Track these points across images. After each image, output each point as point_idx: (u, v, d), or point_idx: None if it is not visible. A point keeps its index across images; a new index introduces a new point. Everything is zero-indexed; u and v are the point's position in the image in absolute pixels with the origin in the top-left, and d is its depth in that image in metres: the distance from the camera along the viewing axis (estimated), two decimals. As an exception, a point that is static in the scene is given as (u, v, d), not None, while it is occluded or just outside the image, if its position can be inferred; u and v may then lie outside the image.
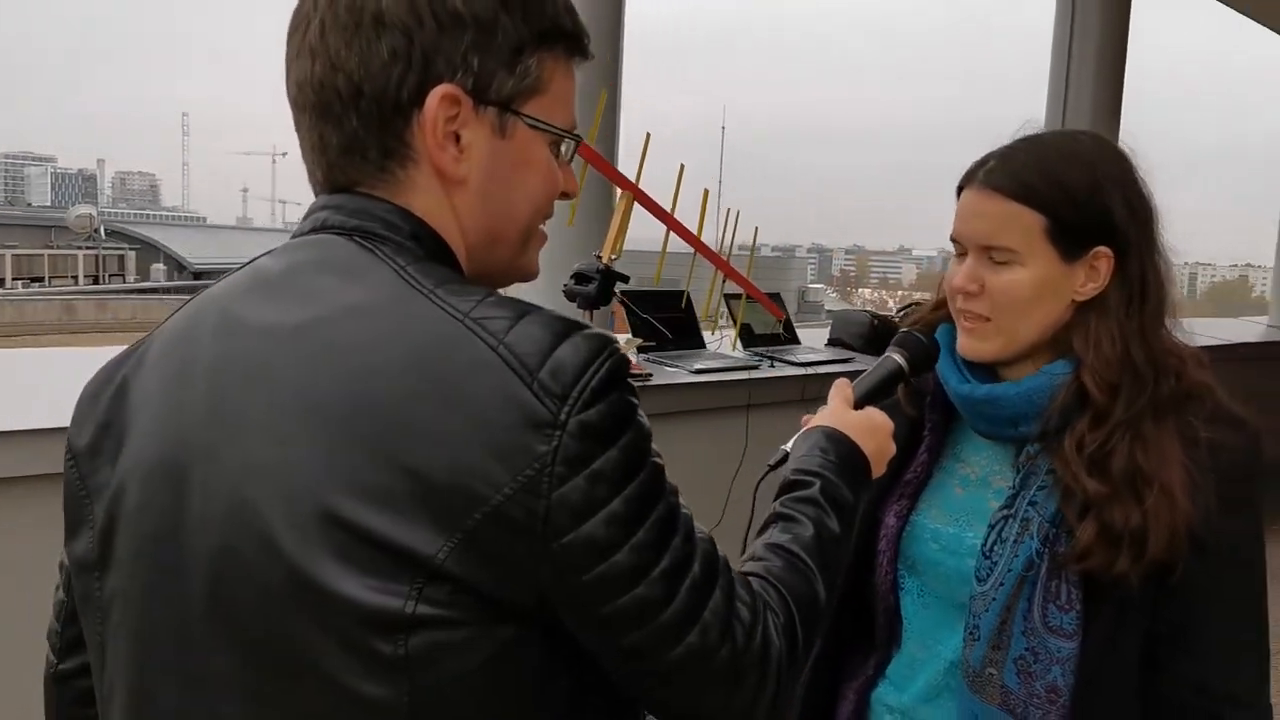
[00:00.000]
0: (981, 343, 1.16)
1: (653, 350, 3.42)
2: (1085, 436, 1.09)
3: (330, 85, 0.78)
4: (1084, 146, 1.14)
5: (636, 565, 0.71)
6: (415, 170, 0.80)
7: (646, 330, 3.42)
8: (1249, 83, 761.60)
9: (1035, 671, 1.10)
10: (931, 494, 1.25)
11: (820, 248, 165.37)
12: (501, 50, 0.80)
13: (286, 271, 0.79)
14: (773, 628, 0.79)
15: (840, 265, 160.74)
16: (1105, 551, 1.07)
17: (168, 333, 0.83)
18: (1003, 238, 1.12)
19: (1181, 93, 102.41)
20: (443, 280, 0.75)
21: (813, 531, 0.91)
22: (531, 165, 0.84)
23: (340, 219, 0.80)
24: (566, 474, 0.69)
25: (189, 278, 48.21)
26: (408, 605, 0.68)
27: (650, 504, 0.73)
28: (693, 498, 1.10)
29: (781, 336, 3.82)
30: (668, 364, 3.31)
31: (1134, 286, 1.12)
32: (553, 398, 0.69)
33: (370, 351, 0.71)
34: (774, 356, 3.56)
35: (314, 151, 0.82)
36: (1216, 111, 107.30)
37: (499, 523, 0.68)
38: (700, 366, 3.28)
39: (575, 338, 0.72)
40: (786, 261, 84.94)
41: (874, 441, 1.06)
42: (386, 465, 0.68)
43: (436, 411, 0.69)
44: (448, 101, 0.78)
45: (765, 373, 3.38)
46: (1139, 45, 5.39)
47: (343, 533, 0.69)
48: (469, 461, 0.68)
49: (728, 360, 3.45)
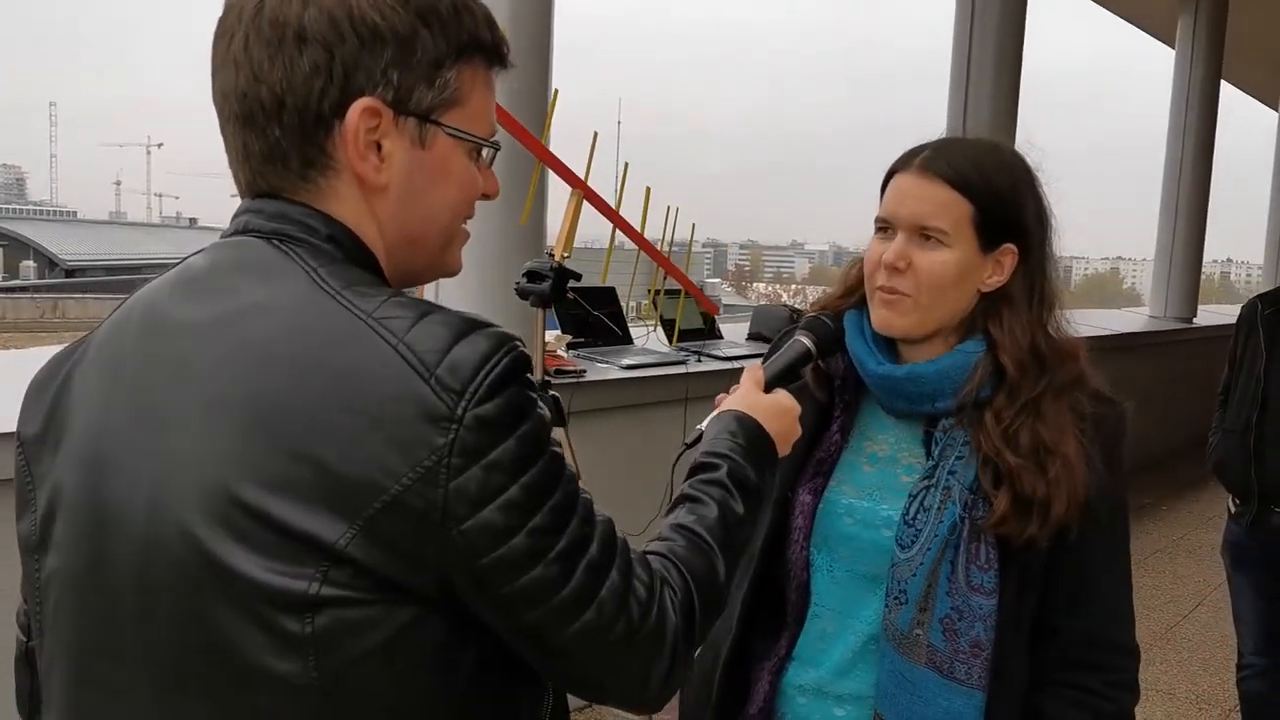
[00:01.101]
0: (898, 317, 1.23)
1: (583, 346, 3.43)
2: (1003, 411, 1.20)
3: (254, 96, 0.81)
4: (1006, 154, 1.26)
5: (534, 548, 0.75)
6: (336, 179, 0.83)
7: (584, 327, 3.43)
8: (1120, 83, 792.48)
9: (960, 629, 1.19)
10: (842, 471, 1.31)
11: (715, 242, 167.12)
12: (421, 65, 0.83)
13: (207, 270, 0.83)
14: (670, 605, 0.84)
15: (735, 260, 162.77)
16: (1018, 518, 1.17)
17: (105, 328, 0.87)
18: (938, 220, 1.20)
19: (1057, 93, 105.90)
20: (352, 282, 0.79)
21: (717, 513, 0.95)
22: (450, 173, 0.87)
23: (260, 222, 0.83)
24: (463, 465, 0.72)
25: (61, 275, 46.04)
26: (312, 586, 0.72)
27: (547, 490, 0.77)
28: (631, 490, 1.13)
29: (706, 331, 3.87)
30: (598, 360, 3.33)
31: (1034, 283, 1.23)
32: (449, 393, 0.73)
33: (277, 348, 0.75)
34: (701, 351, 3.61)
35: (238, 158, 0.85)
36: (1089, 111, 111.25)
37: (399, 511, 0.72)
38: (630, 362, 3.31)
39: (474, 336, 0.75)
40: (681, 256, 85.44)
41: (781, 423, 1.11)
42: (292, 456, 0.72)
43: (339, 406, 0.73)
44: (368, 114, 0.81)
45: (694, 367, 3.43)
46: (1030, 47, 5.61)
47: (251, 520, 0.73)
48: (370, 453, 0.72)
49: (657, 355, 3.49)
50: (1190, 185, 7.83)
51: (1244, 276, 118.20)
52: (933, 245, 1.21)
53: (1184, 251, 7.91)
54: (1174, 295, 7.93)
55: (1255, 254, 12.21)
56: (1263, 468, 2.72)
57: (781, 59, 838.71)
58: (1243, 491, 2.78)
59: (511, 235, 2.68)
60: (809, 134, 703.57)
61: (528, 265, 2.05)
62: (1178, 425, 6.51)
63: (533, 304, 2.08)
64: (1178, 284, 7.94)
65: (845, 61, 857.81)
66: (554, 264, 2.04)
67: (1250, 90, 11.26)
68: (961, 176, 1.20)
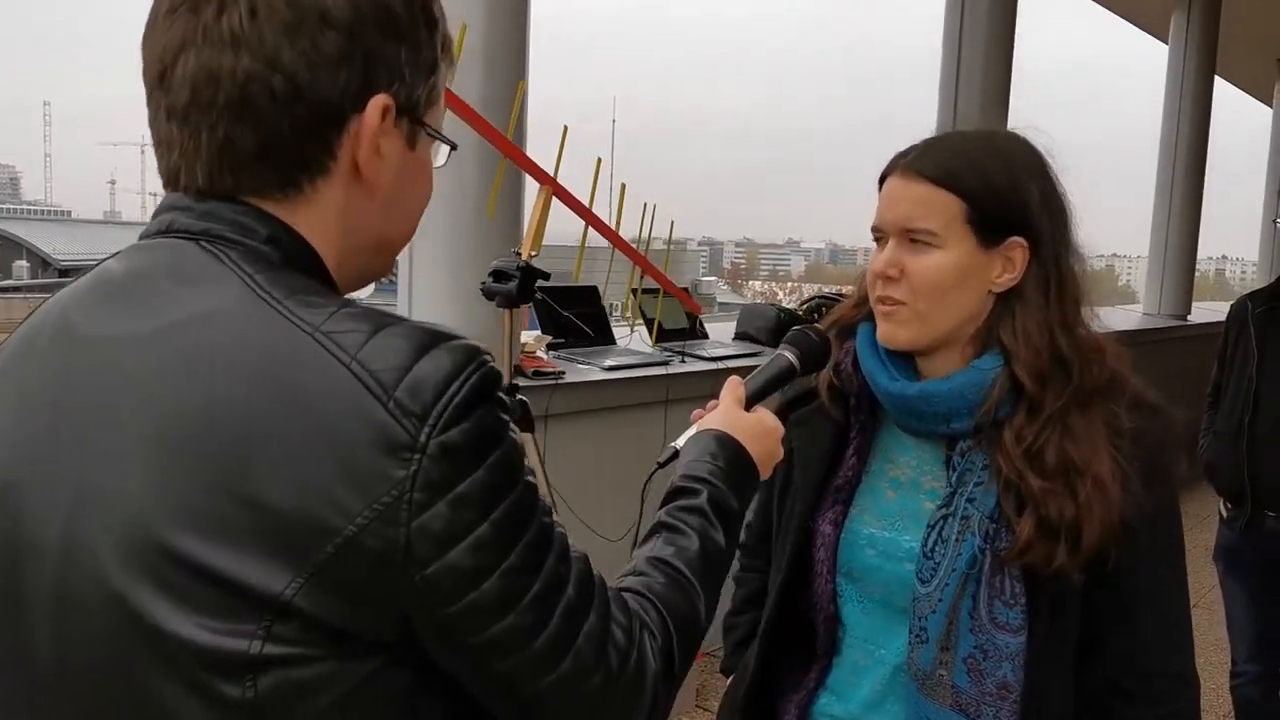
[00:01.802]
0: (899, 328, 1.15)
1: (563, 348, 3.37)
2: (1023, 429, 1.10)
3: (262, 83, 0.71)
4: (1002, 141, 1.17)
5: (507, 592, 0.68)
6: (324, 182, 0.75)
7: (560, 327, 3.36)
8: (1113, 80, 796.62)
9: (985, 669, 1.10)
10: (863, 498, 1.23)
11: (711, 240, 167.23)
12: (424, 64, 0.78)
13: (129, 278, 0.74)
14: (649, 650, 0.77)
15: (731, 258, 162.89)
16: (1044, 545, 1.07)
17: (12, 343, 0.78)
18: (923, 220, 1.13)
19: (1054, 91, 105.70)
20: (295, 290, 0.70)
21: (698, 545, 0.89)
22: (425, 173, 0.82)
23: (188, 221, 0.73)
24: (427, 500, 0.64)
25: (54, 275, 45.93)
26: (253, 646, 0.63)
27: (521, 526, 0.69)
28: (610, 496, 1.08)
29: (691, 331, 3.81)
30: (579, 361, 3.26)
31: (1050, 278, 1.13)
32: (411, 418, 0.64)
33: (209, 369, 0.66)
34: (685, 352, 3.54)
35: (203, 150, 0.73)
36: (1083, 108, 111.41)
37: (354, 555, 0.63)
38: (612, 363, 3.25)
39: (437, 351, 0.67)
40: (679, 255, 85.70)
41: (763, 445, 1.05)
42: (226, 495, 0.63)
43: (282, 436, 0.64)
44: (385, 112, 0.75)
45: (678, 368, 3.37)
46: (1019, 42, 5.57)
47: (178, 570, 0.64)
48: (319, 490, 0.63)
49: (639, 356, 3.43)
50: (1184, 182, 7.78)
51: (1239, 273, 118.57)
52: (923, 248, 1.13)
53: (1178, 248, 7.86)
54: (1168, 292, 7.88)
55: (1250, 251, 12.19)
56: (1256, 470, 2.66)
57: (779, 56, 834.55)
58: (1235, 495, 2.72)
59: (489, 234, 2.63)
60: (806, 131, 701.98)
61: (494, 264, 1.98)
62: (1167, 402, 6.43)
63: (499, 305, 2.01)
64: (1172, 281, 7.88)
65: (843, 59, 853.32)
66: (521, 263, 1.97)
67: (1244, 86, 11.21)
68: (946, 172, 1.12)
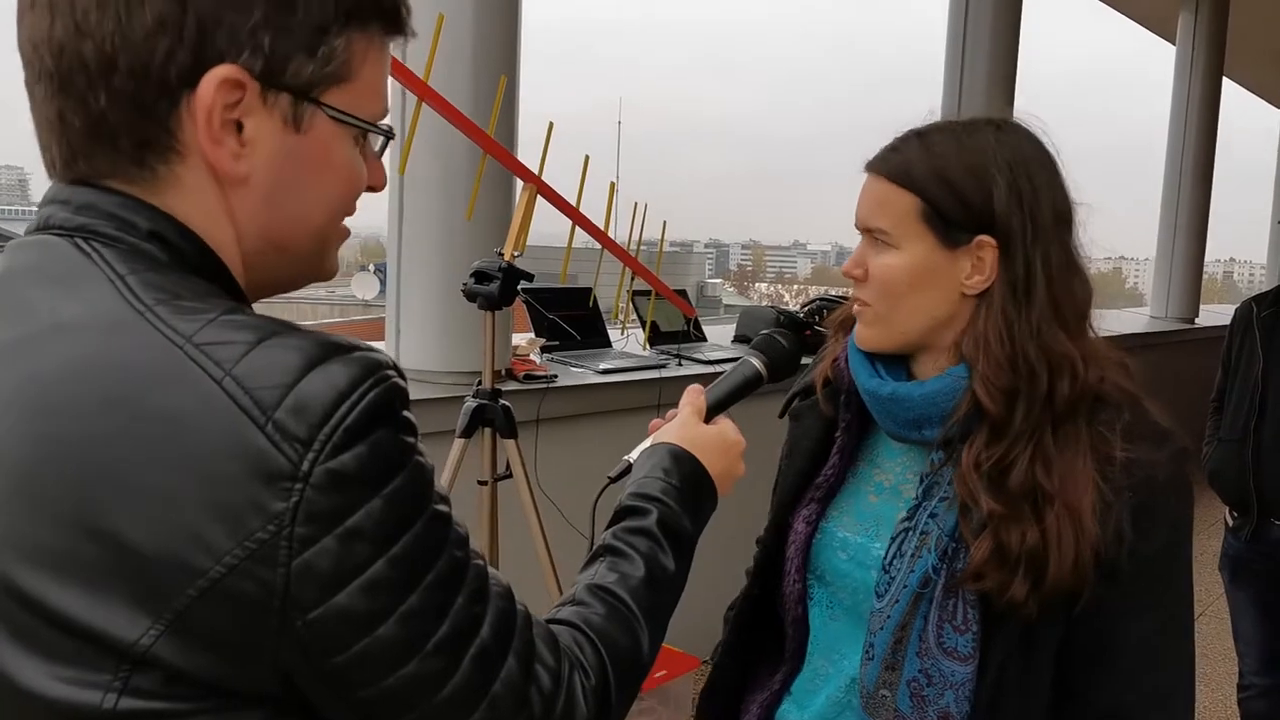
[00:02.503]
0: (864, 328, 1.11)
1: (557, 350, 3.32)
2: (983, 452, 1.01)
3: (73, 52, 0.63)
4: (979, 132, 1.07)
5: (406, 638, 0.61)
6: (180, 165, 0.66)
7: (550, 330, 3.31)
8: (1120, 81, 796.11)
9: (928, 696, 1.03)
10: (844, 500, 1.18)
11: (717, 243, 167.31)
12: (301, 28, 0.66)
13: (0, 281, 0.67)
14: (580, 692, 0.71)
15: (737, 260, 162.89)
16: (999, 573, 0.99)
17: None
18: (878, 219, 1.08)
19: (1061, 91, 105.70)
20: (173, 295, 0.62)
21: (643, 572, 0.82)
22: (331, 164, 0.71)
23: (65, 215, 0.66)
24: (311, 535, 0.57)
25: (63, 276, 46.07)
26: (107, 699, 0.57)
27: (425, 563, 0.62)
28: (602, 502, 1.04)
29: (688, 334, 3.76)
30: (573, 364, 3.21)
31: (1018, 279, 1.04)
32: (293, 442, 0.57)
33: (64, 386, 0.59)
34: (682, 355, 3.49)
35: (50, 130, 0.67)
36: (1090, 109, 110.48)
37: (222, 599, 0.56)
38: (606, 366, 3.20)
39: (329, 365, 0.59)
40: (685, 257, 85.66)
41: (723, 461, 0.98)
42: (79, 532, 0.57)
43: (140, 463, 0.56)
44: (228, 86, 0.64)
45: (674, 371, 3.31)
46: (1024, 43, 5.52)
47: (24, 611, 0.57)
48: (181, 525, 0.56)
49: (635, 359, 3.37)
50: (1192, 184, 7.71)
51: (1246, 276, 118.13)
52: (882, 248, 1.07)
53: (1185, 251, 7.80)
54: (1175, 295, 7.81)
55: (1258, 253, 12.06)
56: (1261, 478, 2.59)
57: (785, 58, 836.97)
58: (1240, 503, 2.65)
59: (479, 234, 2.58)
60: (813, 134, 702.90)
61: (475, 265, 1.93)
62: (1180, 428, 6.37)
63: (480, 306, 1.96)
64: (1179, 284, 7.82)
65: (849, 60, 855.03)
66: (503, 263, 1.92)
67: (1253, 88, 11.13)
68: (900, 170, 1.06)
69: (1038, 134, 1.09)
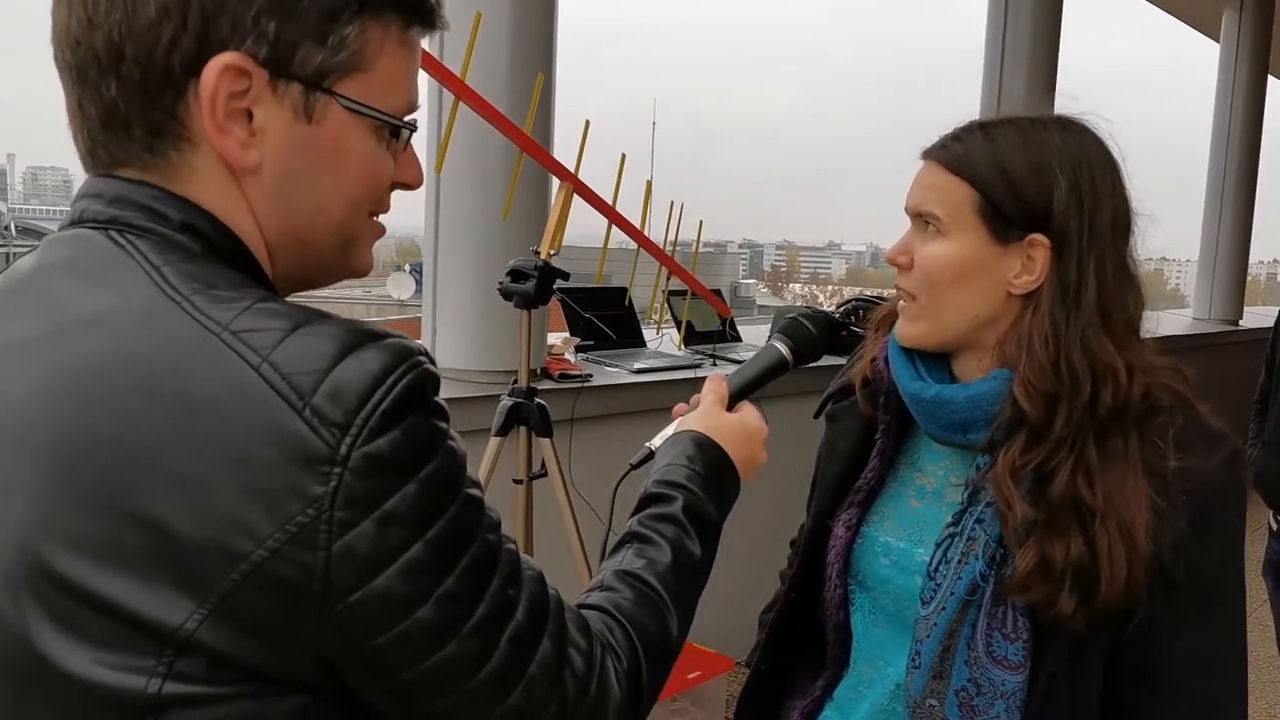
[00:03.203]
0: (909, 323, 1.08)
1: (592, 350, 3.32)
2: (1018, 457, 0.99)
3: (87, 44, 0.65)
4: (1045, 129, 1.05)
5: (444, 620, 0.62)
6: (192, 153, 0.66)
7: (585, 329, 3.31)
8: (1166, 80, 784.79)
9: (978, 705, 1.00)
10: (885, 504, 1.16)
11: (751, 243, 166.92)
12: (308, 15, 0.66)
13: (33, 275, 0.67)
14: (613, 675, 0.71)
15: (771, 261, 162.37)
16: (1044, 586, 0.96)
17: None
18: (930, 205, 1.05)
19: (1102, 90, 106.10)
20: (208, 284, 0.63)
21: (670, 557, 0.83)
22: (345, 155, 0.70)
23: (98, 209, 0.67)
24: (350, 519, 0.58)
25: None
26: (151, 684, 0.57)
27: (460, 546, 0.63)
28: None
29: (724, 334, 3.74)
30: (608, 364, 3.21)
31: (1070, 282, 1.01)
32: (330, 427, 0.57)
33: (103, 375, 0.60)
34: (717, 355, 3.48)
35: (74, 122, 0.69)
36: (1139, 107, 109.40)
37: (264, 583, 0.57)
38: (641, 366, 3.19)
39: (363, 351, 0.59)
40: (719, 257, 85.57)
41: (746, 449, 0.99)
42: (118, 515, 0.57)
43: (180, 450, 0.57)
44: (232, 74, 0.64)
45: (708, 371, 3.30)
46: (1066, 42, 5.45)
47: (67, 599, 0.58)
48: (223, 510, 0.57)
49: (669, 359, 3.37)
50: (1236, 183, 7.59)
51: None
52: (931, 234, 1.05)
53: (1229, 251, 7.67)
54: (1219, 296, 7.69)
55: (1305, 255, 11.82)
56: (1308, 482, 2.54)
57: (820, 58, 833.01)
58: (1287, 507, 2.60)
59: (514, 232, 2.58)
60: (848, 133, 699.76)
61: (511, 264, 1.94)
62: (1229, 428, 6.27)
63: (516, 305, 1.96)
64: (1222, 285, 7.70)
65: (885, 60, 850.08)
66: (539, 262, 1.92)
67: (1300, 85, 10.93)
68: (959, 158, 1.04)
69: (1104, 138, 1.06)
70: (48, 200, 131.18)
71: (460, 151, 2.42)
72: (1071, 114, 1.07)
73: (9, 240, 49.31)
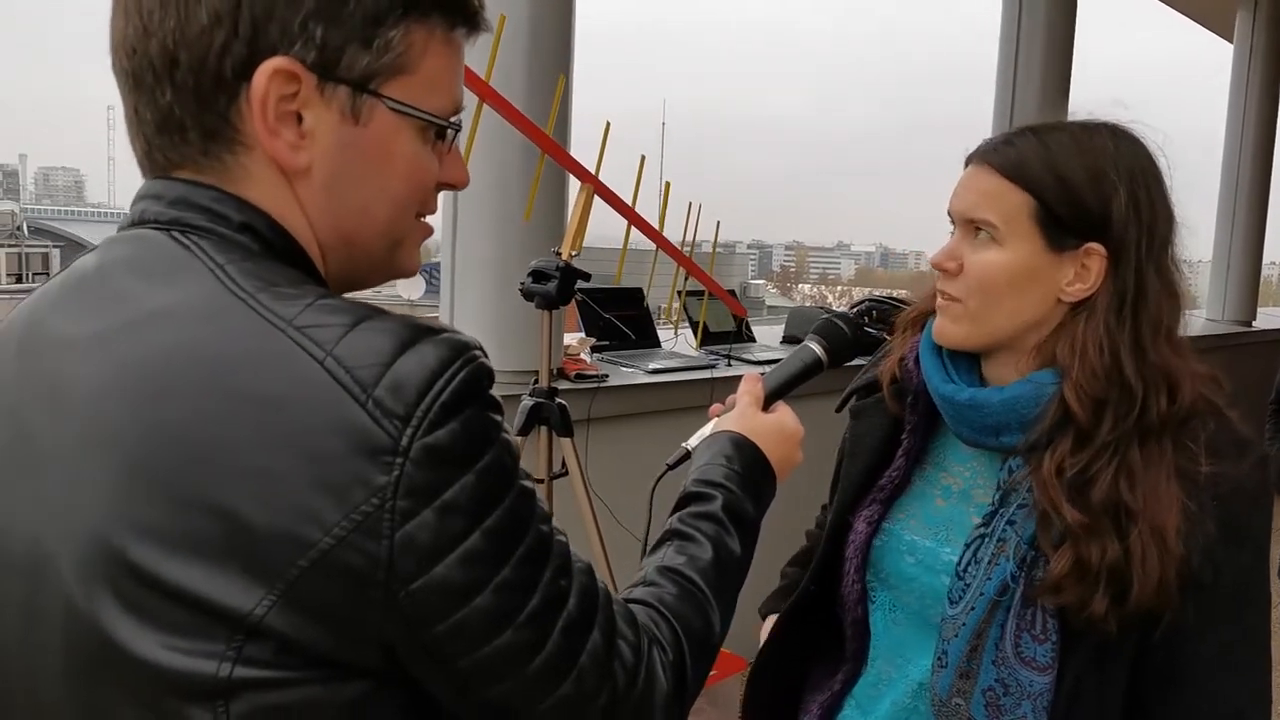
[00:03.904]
0: (951, 324, 1.08)
1: (606, 350, 3.33)
2: (1066, 459, 0.99)
3: (143, 52, 0.67)
4: (1098, 136, 1.05)
5: (501, 609, 0.63)
6: (246, 156, 0.68)
7: (604, 330, 3.32)
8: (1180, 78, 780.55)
9: (1005, 706, 1.01)
10: (910, 503, 1.16)
11: (760, 244, 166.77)
12: (353, 19, 0.67)
13: (96, 273, 0.69)
14: (659, 667, 0.73)
15: (780, 261, 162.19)
16: (1078, 588, 0.97)
17: None
18: (985, 211, 1.04)
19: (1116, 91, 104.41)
20: (270, 282, 0.64)
21: (711, 554, 0.85)
22: (392, 157, 0.71)
23: (159, 210, 0.69)
24: (412, 508, 0.59)
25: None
26: (222, 668, 0.59)
27: (516, 536, 0.64)
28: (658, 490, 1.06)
29: (739, 335, 3.75)
30: (623, 364, 3.22)
31: (1127, 292, 1.01)
32: (392, 418, 0.59)
33: (173, 369, 0.62)
34: (732, 355, 3.49)
35: (131, 127, 0.71)
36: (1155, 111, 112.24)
37: (330, 570, 0.59)
38: (656, 366, 3.20)
39: (422, 345, 0.61)
40: (728, 257, 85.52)
41: (782, 450, 1.01)
42: (189, 505, 0.59)
43: (249, 440, 0.59)
44: (281, 78, 0.66)
45: (723, 371, 3.31)
46: (1081, 46, 5.44)
47: (142, 586, 0.60)
48: (290, 499, 0.58)
49: (684, 359, 3.37)
50: (1249, 184, 7.56)
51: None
52: (984, 241, 1.04)
53: (1243, 252, 7.65)
54: (1232, 297, 7.66)
55: (1318, 256, 11.78)
56: (1327, 483, 2.54)
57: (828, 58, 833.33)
58: (1306, 509, 2.60)
59: (532, 233, 2.59)
60: (857, 134, 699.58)
61: (533, 264, 1.95)
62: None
63: (538, 305, 1.97)
64: (1236, 286, 7.67)
65: (894, 60, 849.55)
66: (561, 263, 1.93)
67: (1313, 86, 10.88)
68: (1015, 164, 1.02)
69: (1151, 147, 1.06)
70: (59, 201, 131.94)
71: (479, 154, 2.43)
72: (1122, 122, 1.06)
73: (21, 240, 49.57)
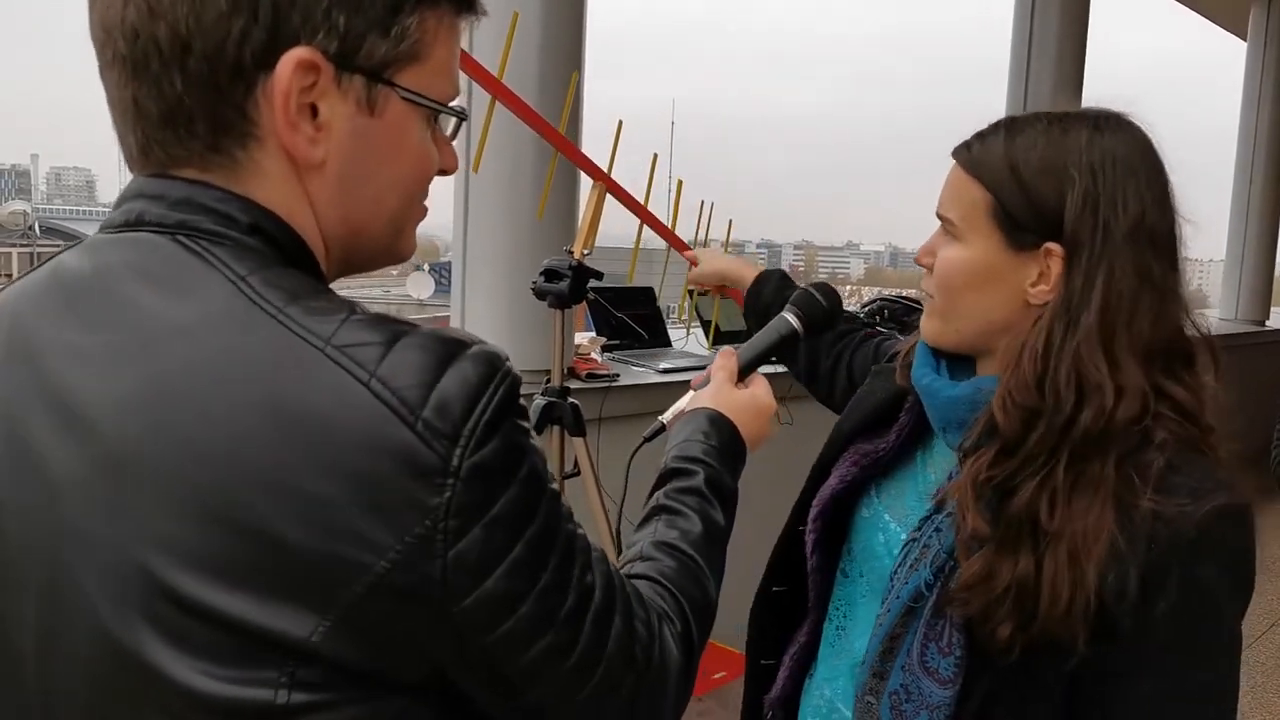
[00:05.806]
0: (926, 319, 1.06)
1: (617, 349, 3.32)
2: (985, 469, 0.93)
3: (148, 36, 0.62)
4: (1074, 127, 0.97)
5: (543, 613, 0.64)
6: (259, 150, 0.65)
7: (617, 329, 3.32)
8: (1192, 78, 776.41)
9: (905, 712, 0.98)
10: (900, 483, 1.13)
11: (769, 243, 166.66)
12: (375, 7, 0.65)
13: (94, 277, 0.65)
14: (670, 640, 0.75)
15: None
16: (983, 600, 0.91)
17: None
18: (946, 208, 1.02)
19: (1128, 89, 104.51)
20: (295, 294, 0.62)
21: (701, 527, 0.88)
22: (403, 147, 0.70)
23: (160, 212, 0.64)
24: (463, 526, 0.59)
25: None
26: (279, 695, 0.58)
27: (551, 540, 0.65)
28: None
29: (750, 333, 3.73)
30: (634, 364, 3.22)
31: (1075, 295, 0.93)
32: (442, 439, 0.58)
33: (204, 388, 0.59)
34: (742, 354, 3.48)
35: (125, 118, 0.66)
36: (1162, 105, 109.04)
37: (385, 593, 0.58)
38: (667, 365, 3.19)
39: (460, 362, 0.60)
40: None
41: (756, 424, 1.04)
42: (234, 531, 0.57)
43: (296, 465, 0.57)
44: (304, 69, 0.63)
45: (734, 371, 3.30)
46: (1093, 43, 5.41)
47: (180, 613, 0.57)
48: (342, 524, 0.57)
49: (695, 359, 3.36)
50: (1262, 182, 7.53)
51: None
52: (948, 239, 1.02)
53: (1256, 251, 7.62)
54: (1245, 297, 7.63)
55: (1332, 255, 11.74)
56: (1340, 484, 2.51)
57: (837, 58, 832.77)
58: (1322, 510, 2.57)
59: (544, 232, 2.58)
60: (866, 133, 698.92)
61: (545, 263, 1.94)
62: (1249, 431, 6.21)
63: (550, 305, 1.97)
64: (1249, 285, 7.64)
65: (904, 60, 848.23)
66: (573, 262, 1.92)
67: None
68: (977, 159, 0.99)
69: (1145, 138, 0.98)
70: (70, 200, 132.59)
71: (491, 151, 2.43)
72: (1119, 111, 0.99)
73: (33, 240, 49.78)
